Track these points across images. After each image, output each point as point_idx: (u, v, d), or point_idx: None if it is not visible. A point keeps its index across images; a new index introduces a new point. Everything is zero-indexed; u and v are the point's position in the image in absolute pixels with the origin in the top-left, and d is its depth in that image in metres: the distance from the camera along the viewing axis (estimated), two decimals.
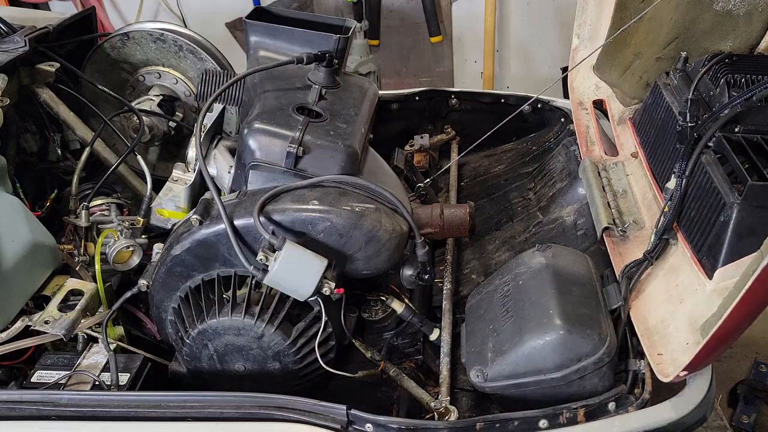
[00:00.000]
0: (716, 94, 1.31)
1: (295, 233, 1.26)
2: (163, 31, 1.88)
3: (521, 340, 1.15)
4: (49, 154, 1.90)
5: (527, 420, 1.09)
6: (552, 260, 1.28)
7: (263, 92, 1.47)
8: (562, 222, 1.61)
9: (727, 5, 1.51)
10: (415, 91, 2.01)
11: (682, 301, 1.14)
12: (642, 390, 1.12)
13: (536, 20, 3.70)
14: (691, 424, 1.09)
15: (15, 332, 1.34)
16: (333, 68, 1.52)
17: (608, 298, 1.23)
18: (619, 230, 1.38)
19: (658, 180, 1.41)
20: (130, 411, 1.12)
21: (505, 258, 1.62)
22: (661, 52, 1.64)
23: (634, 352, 1.17)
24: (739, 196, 1.09)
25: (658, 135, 1.47)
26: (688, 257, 1.19)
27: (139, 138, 1.76)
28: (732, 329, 0.93)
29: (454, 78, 3.97)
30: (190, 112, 1.98)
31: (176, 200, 1.65)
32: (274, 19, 1.68)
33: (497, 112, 1.96)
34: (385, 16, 3.71)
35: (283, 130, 1.35)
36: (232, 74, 1.69)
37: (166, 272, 1.34)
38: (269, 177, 1.36)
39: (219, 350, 1.31)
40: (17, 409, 1.13)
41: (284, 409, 1.10)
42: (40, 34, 1.71)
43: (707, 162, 1.21)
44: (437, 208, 1.51)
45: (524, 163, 1.94)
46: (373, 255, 1.31)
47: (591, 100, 1.81)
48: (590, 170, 1.57)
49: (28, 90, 1.73)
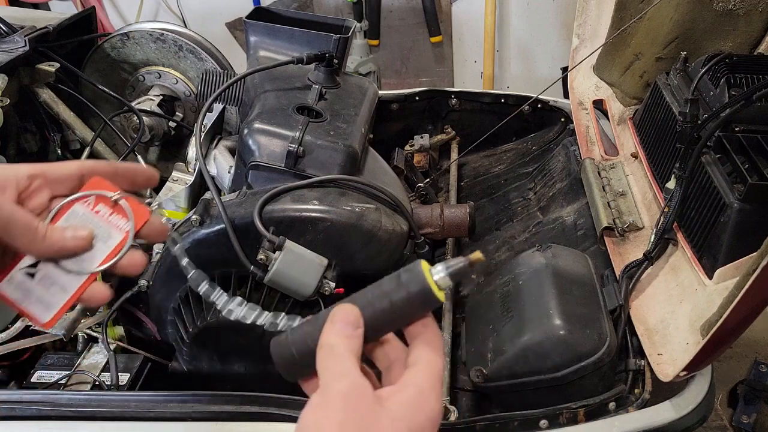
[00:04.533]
0: (716, 94, 1.31)
1: (295, 233, 1.26)
2: (163, 31, 1.88)
3: (521, 340, 1.15)
4: (49, 154, 1.90)
5: (527, 420, 1.09)
6: (552, 260, 1.28)
7: (263, 92, 1.47)
8: (562, 222, 1.61)
9: (727, 5, 1.51)
10: (415, 91, 2.00)
11: (682, 301, 1.14)
12: (642, 390, 1.12)
13: (536, 20, 3.70)
14: (691, 424, 1.09)
15: (15, 332, 1.34)
16: (333, 68, 1.52)
17: (608, 298, 1.23)
18: (619, 230, 1.39)
19: (658, 180, 1.41)
20: (130, 411, 1.12)
21: (505, 258, 1.62)
22: (661, 52, 1.64)
23: (634, 352, 1.17)
24: (739, 196, 1.09)
25: (658, 135, 1.47)
26: (688, 257, 1.19)
27: (139, 138, 1.76)
28: (732, 329, 0.93)
29: (454, 78, 3.97)
30: (190, 112, 1.98)
31: (176, 200, 1.65)
32: (274, 19, 1.68)
33: (497, 112, 1.95)
34: (385, 16, 3.71)
35: (283, 130, 1.35)
36: (232, 74, 1.69)
37: (165, 272, 1.34)
38: (269, 177, 1.36)
39: (219, 350, 1.31)
40: (17, 409, 1.12)
41: (284, 409, 1.10)
42: (40, 34, 1.71)
43: (707, 162, 1.21)
44: (437, 208, 1.51)
45: (524, 163, 1.94)
46: (373, 255, 1.31)
47: (591, 100, 1.81)
48: (590, 170, 1.57)
49: (28, 90, 1.73)
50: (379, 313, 0.59)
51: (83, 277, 0.66)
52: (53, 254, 0.65)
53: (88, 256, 0.67)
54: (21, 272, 0.66)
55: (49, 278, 0.66)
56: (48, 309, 0.66)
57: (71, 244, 0.65)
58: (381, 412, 0.52)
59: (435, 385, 0.56)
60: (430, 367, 0.57)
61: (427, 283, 0.58)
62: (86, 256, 0.67)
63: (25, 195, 0.65)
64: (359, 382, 0.53)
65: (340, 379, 0.53)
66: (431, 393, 0.55)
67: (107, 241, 0.67)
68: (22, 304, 0.66)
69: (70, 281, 0.66)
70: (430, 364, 0.57)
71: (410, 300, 0.58)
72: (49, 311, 0.66)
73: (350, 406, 0.51)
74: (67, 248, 0.65)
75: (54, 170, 0.66)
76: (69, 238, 0.65)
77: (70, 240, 0.65)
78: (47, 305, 0.66)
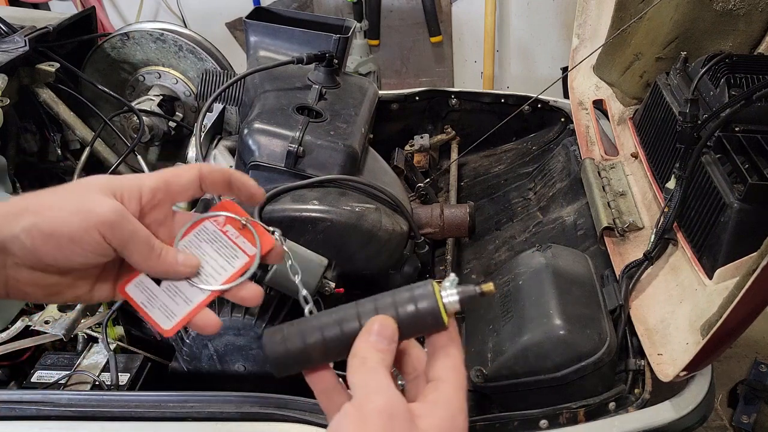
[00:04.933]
0: (716, 94, 1.31)
1: (295, 233, 1.26)
2: (163, 31, 1.88)
3: (521, 340, 1.15)
4: (49, 154, 1.90)
5: (527, 420, 1.09)
6: (552, 260, 1.28)
7: (263, 92, 1.47)
8: (562, 222, 1.61)
9: (727, 5, 1.51)
10: (415, 91, 2.00)
11: (682, 301, 1.14)
12: (642, 390, 1.12)
13: (536, 20, 3.70)
14: (691, 424, 1.09)
15: (15, 332, 1.34)
16: (333, 68, 1.52)
17: (608, 298, 1.23)
18: (619, 230, 1.38)
19: (658, 180, 1.41)
20: (130, 411, 1.12)
21: (505, 258, 1.62)
22: (661, 52, 1.63)
23: (634, 352, 1.17)
24: (739, 196, 1.09)
25: (658, 135, 1.47)
26: (688, 257, 1.19)
27: (139, 138, 1.76)
28: (732, 329, 0.93)
29: (454, 78, 3.97)
30: (190, 112, 1.98)
31: None
32: (274, 19, 1.68)
33: (497, 112, 1.96)
34: (385, 16, 3.71)
35: (283, 130, 1.35)
36: (232, 74, 1.69)
37: None
38: (269, 177, 1.36)
39: (219, 350, 1.31)
40: (17, 409, 1.12)
41: (284, 409, 1.10)
42: (40, 34, 1.71)
43: (707, 162, 1.21)
44: (437, 208, 1.51)
45: (524, 163, 1.94)
46: (373, 255, 1.31)
47: (591, 100, 1.81)
48: (590, 170, 1.57)
49: (28, 90, 1.73)
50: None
51: (206, 293, 0.67)
52: (162, 275, 0.66)
53: (212, 273, 0.67)
54: (149, 278, 0.67)
55: (175, 288, 0.67)
56: (170, 317, 0.67)
57: (181, 270, 0.66)
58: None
59: (463, 406, 0.57)
60: (457, 384, 0.58)
61: (437, 306, 0.58)
62: (211, 273, 0.67)
63: (147, 209, 0.65)
64: (395, 399, 0.54)
65: (377, 394, 0.54)
66: (460, 414, 0.56)
67: (232, 262, 0.68)
68: (146, 309, 0.67)
69: (194, 294, 0.67)
70: (457, 382, 0.58)
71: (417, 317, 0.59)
72: (171, 319, 0.66)
73: (388, 424, 0.52)
74: (178, 272, 0.66)
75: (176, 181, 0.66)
76: (180, 264, 0.66)
77: (180, 266, 0.66)
78: (170, 313, 0.67)
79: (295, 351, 0.60)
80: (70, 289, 0.66)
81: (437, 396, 0.56)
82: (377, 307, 0.60)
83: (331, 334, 0.60)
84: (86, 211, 0.60)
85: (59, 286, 0.65)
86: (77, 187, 0.63)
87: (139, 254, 0.63)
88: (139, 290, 0.67)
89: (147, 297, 0.67)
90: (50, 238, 0.60)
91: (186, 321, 0.66)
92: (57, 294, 0.65)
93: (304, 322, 0.62)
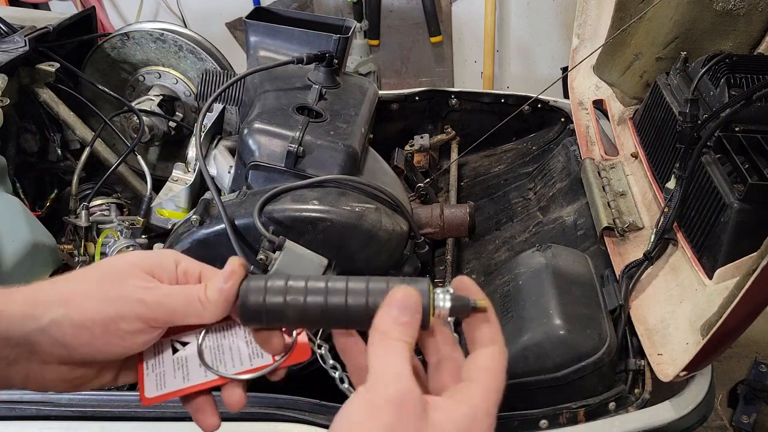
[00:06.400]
0: (716, 94, 1.31)
1: (295, 233, 1.26)
2: (163, 31, 1.88)
3: (521, 340, 1.15)
4: (49, 154, 1.90)
5: (527, 420, 1.09)
6: (552, 260, 1.28)
7: (263, 92, 1.47)
8: (562, 222, 1.61)
9: (727, 5, 1.51)
10: (415, 91, 2.00)
11: (682, 301, 1.14)
12: (642, 390, 1.12)
13: (536, 20, 3.70)
14: (691, 424, 1.09)
15: None
16: (333, 68, 1.52)
17: (608, 298, 1.23)
18: (619, 230, 1.38)
19: (658, 180, 1.41)
20: (130, 411, 1.12)
21: (505, 258, 1.62)
22: (661, 52, 1.64)
23: (634, 352, 1.17)
24: (739, 196, 1.09)
25: (658, 135, 1.47)
26: (688, 257, 1.19)
27: (139, 138, 1.76)
28: (732, 329, 0.93)
29: (454, 78, 3.97)
30: (190, 112, 1.98)
31: (176, 200, 1.65)
32: (274, 19, 1.68)
33: (497, 112, 1.96)
34: (385, 16, 3.71)
35: (283, 130, 1.35)
36: (232, 74, 1.69)
37: None
38: (269, 177, 1.36)
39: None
40: (17, 409, 1.12)
41: (284, 409, 1.10)
42: (40, 34, 1.71)
43: (707, 162, 1.21)
44: (437, 208, 1.51)
45: (524, 163, 1.94)
46: (373, 255, 1.31)
47: (591, 100, 1.81)
48: (590, 170, 1.57)
49: (28, 90, 1.73)
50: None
51: (211, 377, 0.62)
52: (221, 315, 0.60)
53: (229, 360, 0.63)
54: (171, 341, 0.63)
55: (183, 361, 0.62)
56: (159, 388, 0.61)
57: (224, 296, 0.60)
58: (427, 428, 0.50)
59: (491, 410, 0.52)
60: (490, 387, 0.53)
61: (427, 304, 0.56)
62: (228, 360, 0.63)
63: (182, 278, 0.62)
64: (410, 388, 0.50)
65: (393, 381, 0.50)
66: (486, 418, 0.51)
67: (254, 359, 0.63)
68: (146, 369, 0.62)
69: (197, 373, 0.62)
70: (490, 384, 0.53)
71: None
72: (157, 390, 0.61)
73: (396, 411, 0.49)
74: (226, 301, 0.60)
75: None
76: (224, 290, 0.60)
77: (219, 294, 0.60)
78: (161, 384, 0.61)
79: (271, 308, 0.58)
80: (96, 379, 0.61)
81: (462, 397, 0.52)
82: (369, 288, 0.57)
83: (313, 302, 0.57)
84: (121, 297, 0.56)
85: (84, 378, 0.60)
86: (108, 269, 0.59)
87: (188, 310, 0.58)
88: (153, 351, 0.62)
89: (155, 359, 0.62)
90: (82, 329, 0.55)
91: (171, 397, 0.61)
92: (81, 386, 0.61)
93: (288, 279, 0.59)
